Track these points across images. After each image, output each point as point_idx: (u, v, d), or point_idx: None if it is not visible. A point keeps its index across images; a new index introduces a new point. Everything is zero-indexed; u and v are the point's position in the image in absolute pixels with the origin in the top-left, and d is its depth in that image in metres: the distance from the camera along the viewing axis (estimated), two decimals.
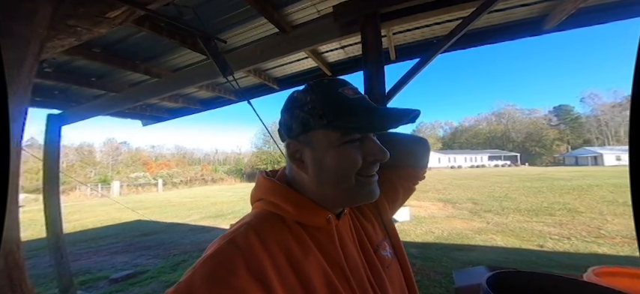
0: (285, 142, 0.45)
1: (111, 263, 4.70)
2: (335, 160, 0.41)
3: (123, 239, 6.64)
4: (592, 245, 4.33)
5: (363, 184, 0.42)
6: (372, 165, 0.42)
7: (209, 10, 1.65)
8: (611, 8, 1.75)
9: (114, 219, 9.94)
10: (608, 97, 59.42)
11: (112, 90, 2.92)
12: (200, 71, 2.38)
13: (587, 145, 50.52)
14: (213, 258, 0.35)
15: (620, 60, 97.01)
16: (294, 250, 0.39)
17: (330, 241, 0.42)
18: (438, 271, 3.47)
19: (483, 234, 5.23)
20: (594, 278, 1.09)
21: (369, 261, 0.46)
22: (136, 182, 28.33)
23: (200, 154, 57.97)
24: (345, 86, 0.43)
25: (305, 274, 0.37)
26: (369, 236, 0.50)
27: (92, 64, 2.32)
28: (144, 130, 6.49)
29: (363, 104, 0.42)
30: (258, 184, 0.48)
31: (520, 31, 2.00)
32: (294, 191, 0.44)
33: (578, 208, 7.31)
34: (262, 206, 0.45)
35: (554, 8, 1.75)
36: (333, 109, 0.40)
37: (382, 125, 0.41)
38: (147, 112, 3.91)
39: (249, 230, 0.39)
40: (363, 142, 0.42)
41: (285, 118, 0.45)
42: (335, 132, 0.40)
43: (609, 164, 35.77)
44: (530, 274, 0.83)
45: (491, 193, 10.71)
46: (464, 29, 1.37)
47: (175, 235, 6.75)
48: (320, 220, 0.42)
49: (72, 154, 39.94)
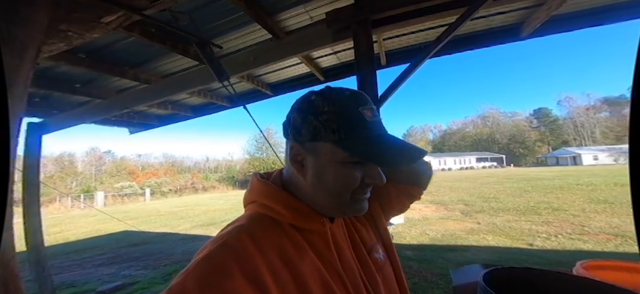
0: (290, 143, 0.44)
1: (97, 276, 4.46)
2: (335, 176, 0.41)
3: (109, 251, 6.33)
4: (577, 242, 4.52)
5: (356, 201, 0.42)
6: (368, 186, 0.43)
7: (203, 15, 1.64)
8: (580, 16, 1.89)
9: (98, 230, 9.47)
10: (582, 100, 63.17)
11: (97, 96, 2.82)
12: (192, 77, 2.35)
13: (566, 146, 53.08)
14: (206, 261, 0.34)
15: (591, 65, 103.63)
16: (289, 251, 0.39)
17: (325, 243, 0.42)
18: (434, 272, 3.50)
19: (475, 234, 5.35)
20: (582, 271, 1.15)
21: (363, 263, 0.46)
22: (121, 192, 27.19)
23: (190, 162, 56.57)
24: (365, 105, 0.42)
25: (300, 276, 0.37)
26: (363, 239, 0.51)
27: (76, 70, 2.25)
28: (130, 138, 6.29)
29: (378, 130, 0.42)
30: (252, 187, 0.47)
31: (500, 37, 2.13)
32: (290, 195, 0.44)
33: (562, 206, 7.62)
34: (255, 209, 0.45)
35: (529, 16, 1.87)
36: (348, 127, 0.40)
37: (390, 161, 0.40)
38: (135, 119, 3.79)
39: (242, 232, 0.39)
40: (364, 164, 0.42)
41: (296, 119, 0.43)
42: (343, 151, 0.40)
43: (587, 164, 37.63)
44: (524, 269, 0.87)
45: (481, 194, 11.00)
46: (450, 35, 1.44)
47: (165, 245, 6.49)
48: (315, 224, 0.43)
49: (51, 164, 37.97)
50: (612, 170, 18.85)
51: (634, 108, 0.19)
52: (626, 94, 57.64)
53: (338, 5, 1.69)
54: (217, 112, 3.60)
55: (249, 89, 3.05)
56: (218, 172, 46.56)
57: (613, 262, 1.23)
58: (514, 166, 46.21)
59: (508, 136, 61.45)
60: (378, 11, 1.51)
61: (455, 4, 1.42)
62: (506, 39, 2.11)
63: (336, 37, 1.70)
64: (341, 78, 2.72)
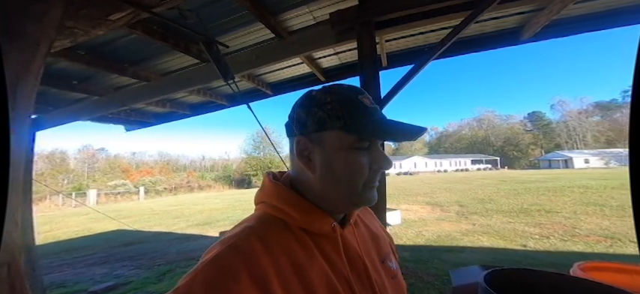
0: (295, 139, 0.45)
1: (88, 275, 4.36)
2: (344, 164, 0.41)
3: (101, 250, 6.20)
4: (569, 244, 4.61)
5: (366, 190, 0.43)
6: (376, 173, 0.44)
7: (207, 13, 1.63)
8: (581, 21, 1.93)
9: (90, 229, 9.29)
10: (575, 104, 64.42)
11: (94, 93, 2.78)
12: (192, 75, 2.33)
13: (558, 149, 54.14)
14: (214, 262, 0.34)
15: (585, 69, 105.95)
16: (298, 255, 0.39)
17: (335, 249, 0.42)
18: (431, 273, 3.53)
19: (470, 235, 5.41)
20: (580, 273, 1.18)
21: (375, 270, 0.46)
22: (114, 191, 26.74)
23: (186, 160, 55.96)
24: (363, 94, 0.45)
25: (309, 281, 0.37)
26: (379, 246, 0.51)
27: (75, 67, 2.21)
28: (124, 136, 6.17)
29: (378, 115, 0.44)
30: (263, 186, 0.48)
31: (500, 41, 2.17)
32: (300, 196, 0.44)
33: (554, 208, 7.76)
34: (265, 209, 0.45)
35: (530, 20, 1.90)
36: (351, 113, 0.41)
37: (395, 137, 0.43)
38: (132, 116, 3.75)
39: (251, 234, 0.38)
40: (370, 150, 0.43)
41: (299, 114, 0.44)
42: (349, 135, 0.41)
43: (578, 167, 38.37)
44: (523, 271, 0.89)
45: (476, 196, 11.14)
46: (454, 37, 1.46)
47: (160, 245, 6.40)
48: (325, 227, 0.42)
49: (41, 161, 37.07)
50: (603, 173, 19.28)
51: (634, 110, 0.19)
52: (617, 99, 59.14)
53: (342, 6, 1.70)
54: (216, 110, 3.57)
55: (250, 88, 3.04)
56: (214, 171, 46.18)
57: (610, 263, 1.26)
58: (508, 169, 46.91)
59: (503, 139, 62.38)
60: (382, 13, 1.52)
61: (459, 7, 1.44)
62: (506, 42, 2.14)
63: (339, 38, 1.71)
64: (342, 78, 2.73)
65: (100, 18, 0.93)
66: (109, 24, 0.99)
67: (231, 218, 9.68)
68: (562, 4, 1.57)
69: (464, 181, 19.88)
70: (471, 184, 16.47)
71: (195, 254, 5.19)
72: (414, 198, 11.54)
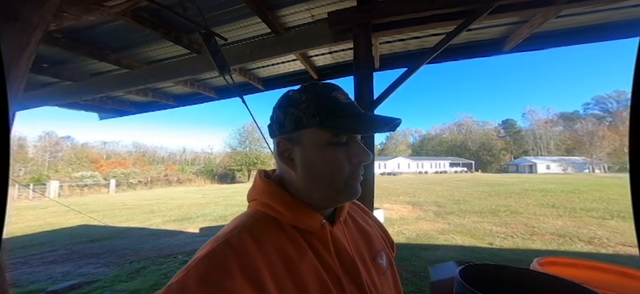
0: (276, 139, 0.46)
1: (47, 274, 3.97)
2: (323, 160, 0.42)
3: (62, 246, 5.67)
4: (528, 242, 5.12)
5: (348, 186, 0.44)
6: (358, 167, 0.44)
7: (204, 3, 1.57)
8: (558, 35, 2.09)
9: (50, 224, 8.48)
10: (543, 113, 70.30)
11: (67, 79, 2.55)
12: (180, 65, 2.23)
13: (525, 155, 58.97)
14: (207, 259, 0.34)
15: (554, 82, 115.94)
16: (289, 252, 0.39)
17: (324, 246, 0.43)
18: (409, 269, 3.71)
19: (446, 234, 5.75)
20: (538, 267, 1.38)
21: (366, 267, 0.46)
22: (81, 182, 24.67)
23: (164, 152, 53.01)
24: (337, 90, 0.45)
25: (301, 278, 0.37)
26: (371, 242, 0.52)
27: (48, 50, 2.01)
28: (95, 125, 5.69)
29: (353, 109, 0.44)
30: (255, 184, 0.48)
31: (485, 50, 2.30)
32: (289, 194, 0.45)
33: (518, 209, 8.51)
34: (257, 207, 0.45)
35: (513, 32, 2.03)
36: (325, 109, 0.42)
37: (369, 129, 0.44)
38: (108, 104, 3.49)
39: (244, 232, 0.39)
40: (348, 144, 0.43)
41: (278, 115, 0.45)
42: (325, 132, 0.42)
43: (541, 172, 42.09)
44: (493, 266, 1.03)
45: (452, 197, 11.84)
46: (446, 44, 1.54)
47: (132, 241, 6.01)
48: (314, 224, 0.43)
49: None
50: (561, 179, 21.44)
51: (634, 112, 0.19)
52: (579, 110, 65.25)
53: (340, 6, 1.72)
54: (203, 102, 3.44)
55: (241, 82, 2.97)
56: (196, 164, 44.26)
57: (563, 259, 1.56)
58: (481, 172, 50.23)
59: (478, 144, 66.43)
60: (380, 16, 1.56)
61: (453, 15, 1.52)
62: (490, 52, 2.28)
63: (336, 38, 1.73)
64: (335, 77, 2.75)
65: (95, 3, 0.87)
66: (104, 10, 0.92)
67: (213, 214, 9.36)
68: (543, 19, 1.72)
69: (442, 182, 20.97)
70: (448, 186, 17.43)
71: (172, 251, 4.94)
72: (396, 198, 11.98)
